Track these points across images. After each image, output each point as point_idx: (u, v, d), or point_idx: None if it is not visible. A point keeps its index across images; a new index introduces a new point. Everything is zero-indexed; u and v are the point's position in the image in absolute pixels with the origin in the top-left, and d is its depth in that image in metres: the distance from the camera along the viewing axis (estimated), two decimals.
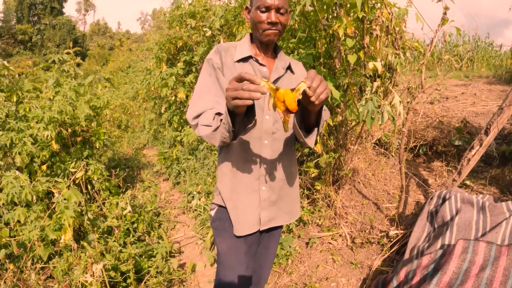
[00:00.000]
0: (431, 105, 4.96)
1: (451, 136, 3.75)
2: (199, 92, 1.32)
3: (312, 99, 1.01)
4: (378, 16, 1.99)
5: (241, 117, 1.16)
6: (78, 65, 4.03)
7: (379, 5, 2.12)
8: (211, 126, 1.19)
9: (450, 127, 3.96)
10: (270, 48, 1.40)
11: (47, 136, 2.98)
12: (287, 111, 1.02)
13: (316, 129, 1.27)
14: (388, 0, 2.12)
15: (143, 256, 2.72)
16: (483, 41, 10.04)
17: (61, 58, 3.83)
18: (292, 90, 1.00)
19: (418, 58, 7.92)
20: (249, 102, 0.98)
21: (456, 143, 3.63)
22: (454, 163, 3.55)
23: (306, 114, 1.20)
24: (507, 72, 7.45)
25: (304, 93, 1.01)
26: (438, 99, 5.28)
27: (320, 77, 1.03)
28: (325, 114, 1.38)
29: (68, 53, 3.91)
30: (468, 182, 3.17)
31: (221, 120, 1.15)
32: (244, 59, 1.35)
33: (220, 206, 1.43)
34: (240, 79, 1.00)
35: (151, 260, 2.72)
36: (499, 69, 8.18)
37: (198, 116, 1.26)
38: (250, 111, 1.15)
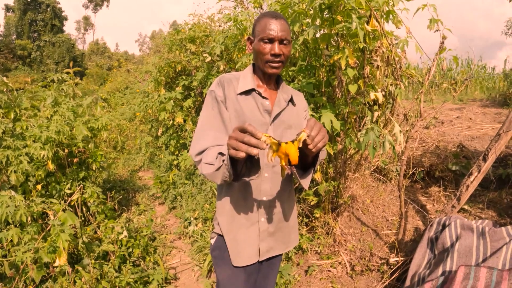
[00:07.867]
0: (427, 129, 5.01)
1: (447, 161, 3.77)
2: (202, 127, 1.32)
3: (310, 147, 1.05)
4: (379, 47, 2.02)
5: (244, 160, 1.16)
6: (76, 84, 4.02)
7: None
8: (213, 165, 1.18)
9: (447, 152, 3.98)
10: (272, 79, 1.41)
11: (44, 155, 2.94)
12: (289, 162, 1.04)
13: (311, 170, 1.28)
14: (387, 30, 2.17)
15: (139, 282, 2.64)
16: (476, 64, 10.25)
17: (60, 78, 3.82)
18: (293, 141, 1.04)
19: (413, 85, 8.04)
20: (243, 155, 0.99)
21: (453, 168, 3.65)
22: (451, 188, 3.56)
23: (303, 156, 1.20)
24: (500, 95, 7.57)
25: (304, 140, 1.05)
26: (434, 123, 5.34)
27: (320, 125, 1.07)
28: (322, 154, 1.38)
29: (67, 73, 3.91)
30: (466, 207, 3.17)
31: (223, 160, 1.15)
32: (247, 92, 1.34)
33: (219, 235, 1.42)
34: (243, 130, 1.01)
35: (147, 287, 2.65)
36: (493, 92, 8.31)
37: (201, 153, 1.26)
38: (254, 157, 1.16)
